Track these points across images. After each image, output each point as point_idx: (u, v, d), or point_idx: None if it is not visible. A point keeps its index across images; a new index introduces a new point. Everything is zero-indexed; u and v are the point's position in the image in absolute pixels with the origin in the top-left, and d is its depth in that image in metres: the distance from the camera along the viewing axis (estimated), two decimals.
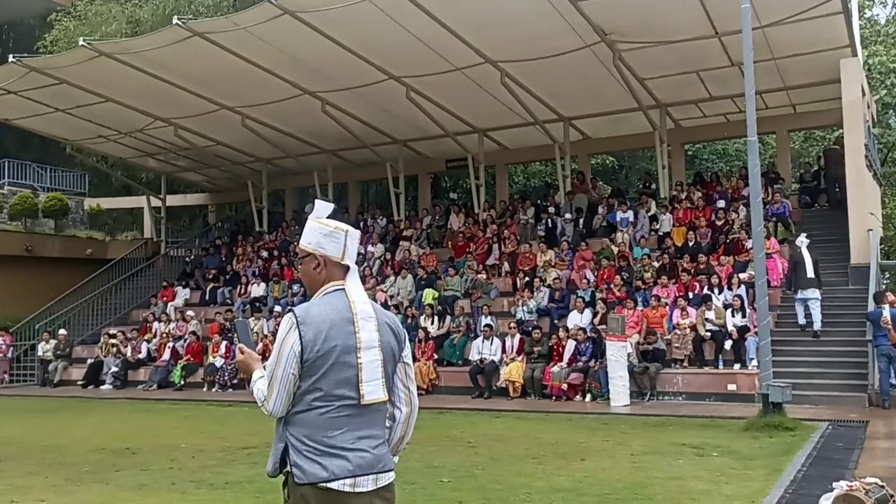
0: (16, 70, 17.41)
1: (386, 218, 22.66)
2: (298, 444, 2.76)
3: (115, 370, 18.70)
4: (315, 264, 2.95)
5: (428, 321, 16.49)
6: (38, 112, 20.08)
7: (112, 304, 23.36)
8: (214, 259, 23.90)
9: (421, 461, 8.32)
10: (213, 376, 17.40)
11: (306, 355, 2.77)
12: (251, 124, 20.00)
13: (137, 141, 22.34)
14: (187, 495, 7.21)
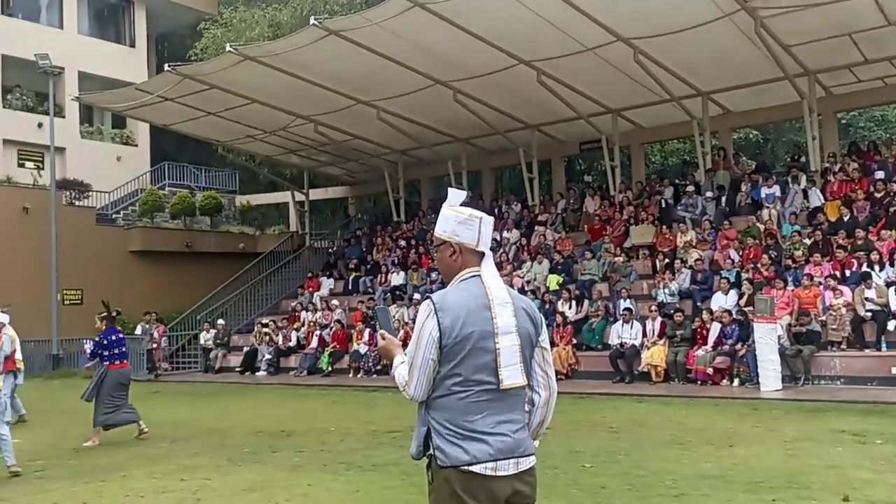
0: (171, 78, 18.69)
1: (520, 203, 22.63)
2: (440, 428, 2.83)
3: (269, 357, 19.76)
4: (451, 252, 3.01)
5: (565, 305, 16.37)
6: (192, 116, 21.49)
7: (263, 294, 24.66)
8: (355, 249, 24.74)
9: (562, 446, 8.30)
10: (357, 363, 18.05)
11: (445, 341, 2.83)
12: (386, 117, 20.49)
13: (281, 139, 23.43)
14: (338, 476, 7.54)
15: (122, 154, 29.51)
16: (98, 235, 24.64)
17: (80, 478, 7.93)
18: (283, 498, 6.69)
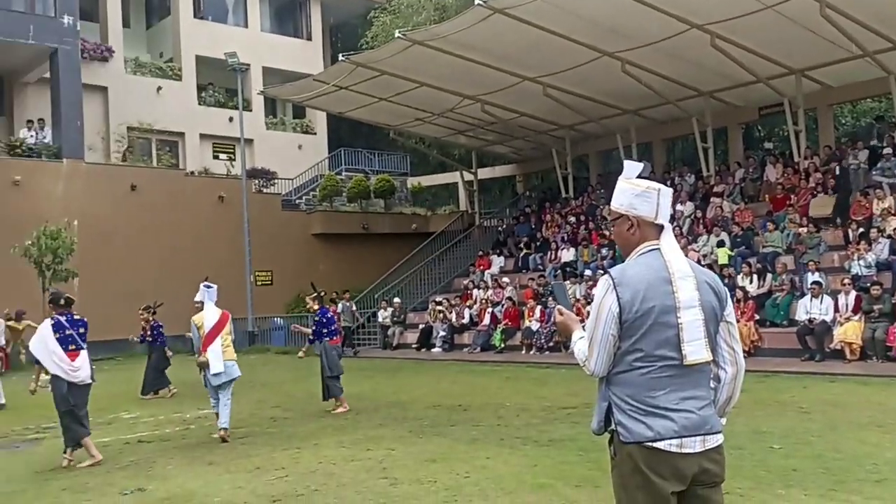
0: (345, 68, 19.53)
1: (694, 175, 21.73)
2: (622, 404, 2.81)
3: (444, 334, 20.32)
4: (628, 225, 2.96)
5: (746, 280, 15.58)
6: (364, 103, 22.38)
7: (436, 273, 25.34)
8: (525, 227, 24.81)
9: (747, 426, 7.96)
10: (530, 339, 18.16)
11: (624, 316, 2.80)
12: (552, 93, 20.31)
13: (449, 120, 23.86)
14: (515, 450, 7.66)
15: (302, 142, 31.26)
16: (283, 220, 26.33)
17: (278, 445, 8.58)
18: (464, 470, 6.89)
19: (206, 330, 9.14)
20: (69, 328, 8.20)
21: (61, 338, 8.10)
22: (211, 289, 9.53)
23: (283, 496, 6.35)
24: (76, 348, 8.17)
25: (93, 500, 6.54)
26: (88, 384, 8.27)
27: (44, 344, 8.09)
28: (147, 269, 22.27)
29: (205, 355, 9.05)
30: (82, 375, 8.14)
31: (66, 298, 8.44)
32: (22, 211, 19.93)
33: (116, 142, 26.00)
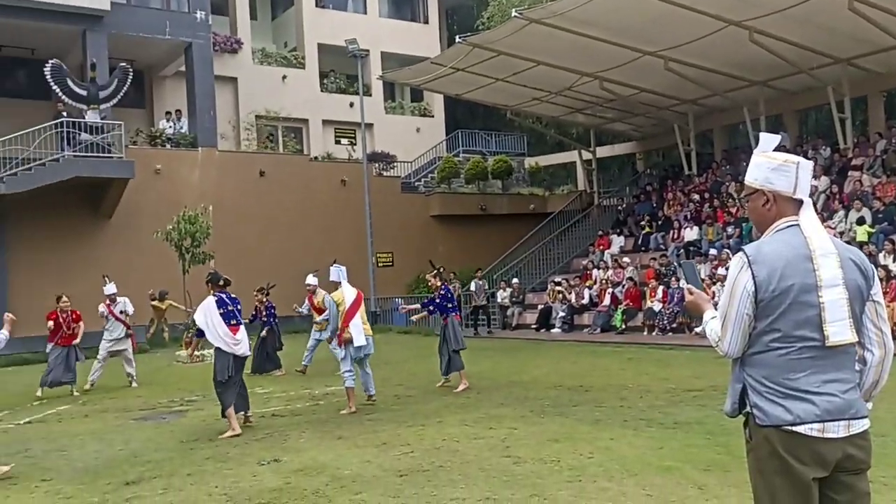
0: (462, 49, 19.61)
1: (829, 147, 20.52)
2: (758, 386, 2.73)
3: (563, 315, 20.19)
4: (764, 201, 2.86)
5: (889, 258, 14.64)
6: (481, 84, 22.40)
7: (555, 254, 25.16)
8: (645, 206, 24.22)
9: (891, 412, 7.52)
10: (652, 320, 17.77)
11: (760, 295, 2.71)
12: (674, 66, 19.65)
13: (567, 99, 23.53)
14: (639, 432, 7.56)
15: (420, 125, 31.67)
16: (403, 202, 26.81)
17: (403, 422, 8.81)
18: (587, 450, 6.87)
19: (347, 307, 9.60)
20: (230, 304, 8.87)
21: (224, 313, 8.78)
22: (342, 269, 9.95)
23: (409, 471, 6.53)
24: (236, 323, 8.83)
25: (233, 469, 6.94)
26: (245, 357, 8.96)
27: (209, 318, 8.70)
28: (274, 252, 23.23)
29: (348, 331, 9.51)
30: (243, 349, 8.81)
31: (224, 279, 9.15)
32: (162, 197, 21.23)
33: (245, 130, 27.17)
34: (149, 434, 8.95)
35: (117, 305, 13.28)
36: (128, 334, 13.32)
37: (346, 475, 6.52)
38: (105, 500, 6.16)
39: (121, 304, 13.33)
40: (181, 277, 17.45)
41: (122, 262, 20.40)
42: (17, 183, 18.89)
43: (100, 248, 20.82)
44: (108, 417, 10.28)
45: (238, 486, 6.36)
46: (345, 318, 9.58)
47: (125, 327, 13.24)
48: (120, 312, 13.22)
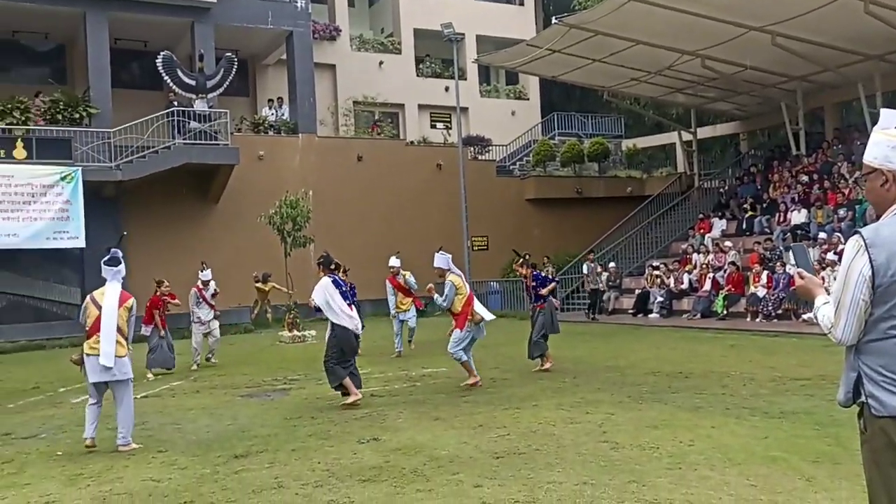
0: (558, 30, 19.36)
1: None
2: (874, 375, 2.62)
3: (661, 300, 19.77)
4: (882, 181, 2.74)
5: None
6: (578, 65, 22.07)
7: (653, 237, 24.63)
8: (749, 188, 23.37)
9: None
10: (755, 306, 17.19)
11: (878, 280, 2.60)
12: (782, 42, 18.81)
13: (666, 78, 22.91)
14: (742, 421, 7.35)
15: (515, 108, 31.49)
16: (498, 186, 26.78)
17: (498, 404, 8.86)
18: (687, 438, 6.73)
19: (468, 290, 9.96)
20: (343, 286, 9.31)
21: (341, 293, 9.13)
22: (448, 256, 10.32)
23: (505, 453, 6.57)
24: (350, 303, 9.27)
25: (334, 446, 7.15)
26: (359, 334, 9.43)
27: (330, 297, 9.06)
28: (370, 235, 23.64)
29: (477, 312, 9.90)
30: (360, 327, 9.35)
31: (336, 263, 9.62)
32: (265, 182, 21.93)
33: (343, 115, 27.69)
34: (255, 410, 9.33)
35: (208, 290, 13.90)
36: (216, 316, 13.93)
37: (444, 455, 6.61)
38: (216, 471, 6.46)
39: (212, 288, 13.95)
40: (283, 260, 18.00)
41: (228, 245, 21.23)
42: (132, 170, 19.90)
43: (207, 232, 21.73)
44: (217, 394, 10.76)
45: (339, 462, 6.56)
46: (467, 302, 9.89)
47: (212, 309, 13.84)
48: (211, 296, 13.85)
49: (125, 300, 7.70)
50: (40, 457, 7.37)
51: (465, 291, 9.91)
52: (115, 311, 7.58)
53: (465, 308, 9.85)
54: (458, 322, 9.92)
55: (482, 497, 5.37)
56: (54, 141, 19.35)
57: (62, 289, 19.92)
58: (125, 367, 7.62)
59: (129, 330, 7.78)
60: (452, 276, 10.07)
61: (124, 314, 7.66)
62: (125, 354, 7.62)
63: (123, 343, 7.62)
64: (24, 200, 18.39)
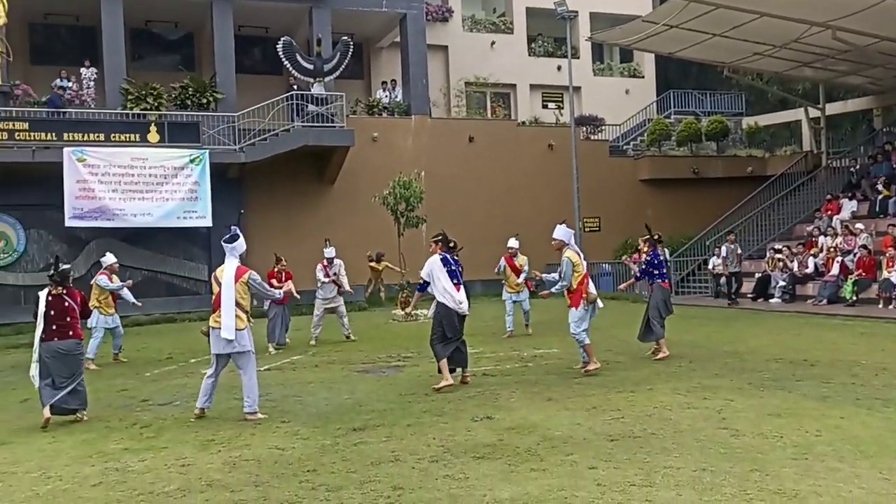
0: (676, 5, 18.70)
1: None
2: None
3: (783, 284, 18.94)
4: None
5: None
6: (696, 41, 21.27)
7: (775, 219, 23.60)
8: (883, 167, 21.98)
9: None
10: (889, 293, 16.21)
11: None
12: None
13: (792, 52, 21.76)
14: (874, 412, 7.00)
15: (629, 87, 30.76)
16: (611, 166, 26.30)
17: (612, 387, 8.77)
18: (814, 428, 6.47)
19: (584, 268, 9.83)
20: (453, 265, 9.30)
21: (449, 272, 9.19)
22: (570, 231, 10.21)
23: (620, 436, 6.52)
24: (458, 282, 9.25)
25: (449, 423, 7.29)
26: (465, 315, 9.32)
27: (435, 274, 9.19)
28: (481, 216, 23.73)
29: (592, 291, 9.77)
30: (464, 307, 9.23)
31: (453, 242, 9.57)
32: (379, 164, 22.35)
33: (455, 97, 27.82)
34: (371, 386, 9.61)
35: (333, 268, 14.27)
36: (340, 293, 14.29)
37: (557, 436, 6.62)
38: (336, 443, 6.72)
39: (336, 266, 14.30)
40: (396, 240, 18.35)
41: (343, 225, 21.82)
42: (254, 152, 20.73)
43: (324, 212, 22.39)
44: (334, 368, 11.14)
45: (454, 439, 6.68)
46: (582, 280, 9.74)
47: (337, 287, 14.21)
48: (334, 275, 14.22)
49: (241, 275, 8.08)
50: (175, 422, 7.87)
51: (581, 269, 9.75)
52: (233, 286, 7.97)
53: (580, 286, 9.71)
54: (573, 300, 9.80)
55: (597, 479, 5.36)
56: (184, 125, 20.38)
57: (191, 265, 21.04)
58: (244, 339, 8.01)
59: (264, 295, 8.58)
60: (570, 252, 9.82)
61: (242, 289, 8.03)
62: (244, 327, 8.01)
63: (243, 316, 8.01)
64: (157, 182, 19.49)
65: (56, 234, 19.74)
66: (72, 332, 8.08)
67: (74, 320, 8.14)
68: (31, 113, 19.72)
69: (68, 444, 7.09)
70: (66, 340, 8.03)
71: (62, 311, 8.08)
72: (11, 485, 5.80)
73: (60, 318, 8.04)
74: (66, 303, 8.10)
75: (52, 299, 8.09)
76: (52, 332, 8.00)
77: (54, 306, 8.06)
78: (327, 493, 5.29)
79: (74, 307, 8.17)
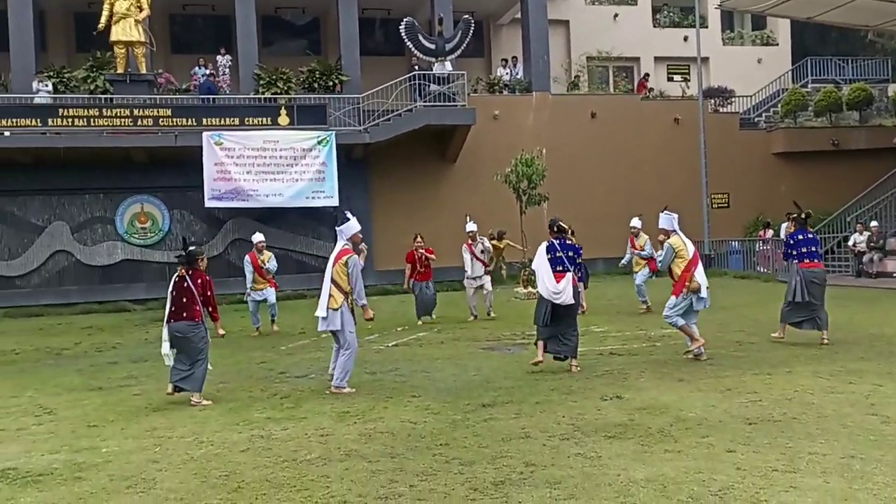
0: None
1: None
2: None
3: None
4: None
5: None
6: (836, 4, 20.02)
7: None
8: None
9: None
10: None
11: None
12: None
13: None
14: None
15: (762, 56, 29.29)
16: (741, 140, 25.18)
17: (747, 369, 8.48)
18: None
19: (689, 255, 9.34)
20: (559, 251, 9.04)
21: (551, 259, 8.99)
22: (673, 217, 9.66)
23: (758, 419, 6.31)
24: (562, 270, 8.93)
25: (577, 402, 7.26)
26: (570, 305, 8.92)
27: (538, 261, 9.08)
28: (605, 194, 23.30)
29: (695, 279, 9.22)
30: (563, 297, 8.82)
31: (558, 225, 9.25)
32: (500, 141, 22.32)
33: (577, 72, 27.35)
34: (497, 363, 9.69)
35: (477, 245, 14.34)
36: (487, 271, 14.36)
37: (691, 417, 6.48)
38: (466, 418, 6.83)
39: (481, 243, 14.38)
40: (518, 218, 18.31)
41: (465, 203, 21.91)
42: (378, 133, 21.16)
43: (445, 191, 22.61)
44: (460, 345, 11.30)
45: (583, 417, 6.66)
46: (687, 267, 9.27)
47: (483, 265, 14.28)
48: (480, 252, 14.28)
49: (341, 256, 8.37)
50: (312, 394, 8.22)
51: (686, 255, 9.28)
52: (331, 267, 8.36)
53: (684, 274, 9.24)
54: (675, 287, 9.43)
55: (736, 462, 5.22)
56: (311, 107, 21.03)
57: (319, 244, 21.77)
58: (336, 319, 8.27)
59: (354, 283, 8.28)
60: (674, 238, 9.46)
61: (340, 270, 8.31)
62: (338, 307, 8.26)
63: (338, 297, 8.26)
64: (287, 163, 20.25)
65: (197, 214, 20.89)
66: (186, 314, 8.04)
67: (192, 302, 8.09)
68: (174, 100, 20.90)
69: (217, 411, 7.55)
70: (180, 322, 8.02)
71: (181, 292, 8.13)
72: (168, 448, 6.24)
73: (179, 299, 8.11)
74: (185, 284, 8.14)
75: (177, 280, 8.20)
76: (172, 313, 8.10)
77: (177, 287, 8.16)
78: (461, 467, 5.40)
79: (193, 290, 8.10)
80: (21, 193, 20.11)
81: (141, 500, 4.99)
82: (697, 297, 9.27)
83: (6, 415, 7.76)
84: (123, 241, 20.65)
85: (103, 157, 19.81)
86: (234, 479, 5.32)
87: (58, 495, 5.14)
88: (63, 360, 11.47)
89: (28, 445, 6.52)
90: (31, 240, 20.15)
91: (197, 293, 8.10)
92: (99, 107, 19.70)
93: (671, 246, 9.45)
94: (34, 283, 20.15)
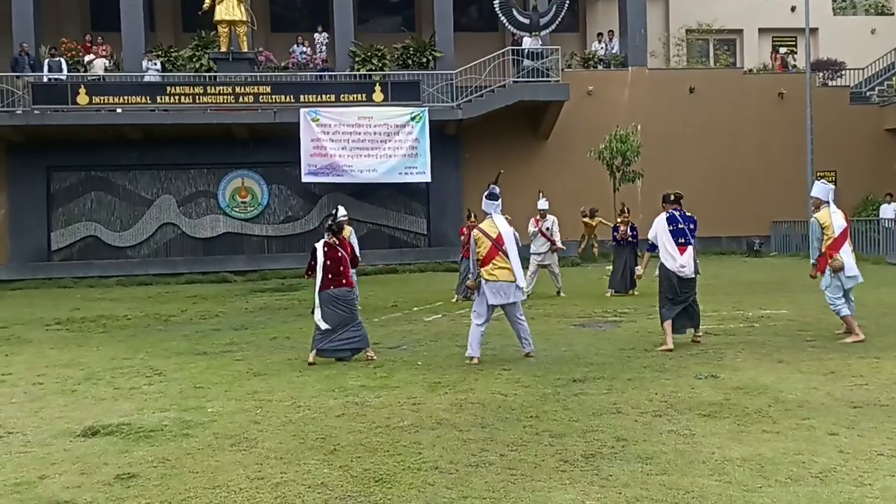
0: None
1: None
2: None
3: None
4: None
5: None
6: None
7: None
8: None
9: None
10: None
11: None
12: None
13: None
14: None
15: (876, 26, 27.70)
16: (851, 115, 23.97)
17: (852, 352, 8.15)
18: None
19: (836, 232, 8.99)
20: (681, 223, 8.89)
21: (673, 231, 8.84)
22: (830, 187, 9.33)
23: (863, 403, 6.08)
24: (685, 242, 8.80)
25: (671, 380, 7.16)
26: (692, 278, 8.85)
27: (659, 234, 8.89)
28: (704, 171, 22.61)
29: (838, 257, 8.91)
30: (687, 270, 8.76)
31: (675, 195, 9.12)
32: (594, 118, 21.96)
33: (676, 46, 26.56)
34: (588, 339, 9.63)
35: (545, 222, 14.25)
36: (553, 250, 14.26)
37: (791, 399, 6.30)
38: (557, 392, 6.84)
39: (549, 221, 14.26)
40: (611, 195, 18.05)
41: (557, 180, 21.73)
42: (471, 108, 21.17)
43: (538, 167, 22.43)
44: (550, 321, 11.27)
45: (677, 395, 6.56)
46: (833, 245, 8.93)
47: (550, 243, 14.18)
48: (546, 230, 14.20)
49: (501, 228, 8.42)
50: (404, 365, 8.38)
51: (831, 233, 8.92)
52: (512, 236, 8.34)
53: (829, 251, 8.91)
54: (820, 265, 9.11)
55: (838, 445, 5.05)
56: (405, 84, 21.21)
57: (411, 219, 22.04)
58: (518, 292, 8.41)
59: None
60: (820, 213, 9.10)
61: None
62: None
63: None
64: (381, 139, 20.53)
65: (294, 189, 21.48)
66: (345, 281, 8.51)
67: (346, 269, 8.53)
68: (273, 76, 21.47)
69: (313, 378, 7.81)
70: (340, 288, 8.46)
71: (336, 260, 8.47)
72: (269, 411, 6.51)
73: (334, 267, 8.45)
74: (339, 253, 8.50)
75: (328, 249, 8.50)
76: (329, 280, 8.45)
77: (330, 256, 8.47)
78: (551, 440, 5.42)
79: (346, 256, 8.56)
80: (132, 168, 21.16)
81: (244, 458, 5.23)
82: (845, 276, 8.91)
83: (120, 375, 8.25)
84: (225, 215, 21.47)
85: (207, 134, 20.58)
86: (330, 442, 5.51)
87: (167, 450, 5.45)
88: (171, 326, 12.06)
89: (140, 403, 6.92)
90: (140, 212, 21.20)
91: (349, 259, 8.62)
92: (203, 84, 20.47)
93: (816, 221, 9.13)
94: (143, 253, 21.22)
